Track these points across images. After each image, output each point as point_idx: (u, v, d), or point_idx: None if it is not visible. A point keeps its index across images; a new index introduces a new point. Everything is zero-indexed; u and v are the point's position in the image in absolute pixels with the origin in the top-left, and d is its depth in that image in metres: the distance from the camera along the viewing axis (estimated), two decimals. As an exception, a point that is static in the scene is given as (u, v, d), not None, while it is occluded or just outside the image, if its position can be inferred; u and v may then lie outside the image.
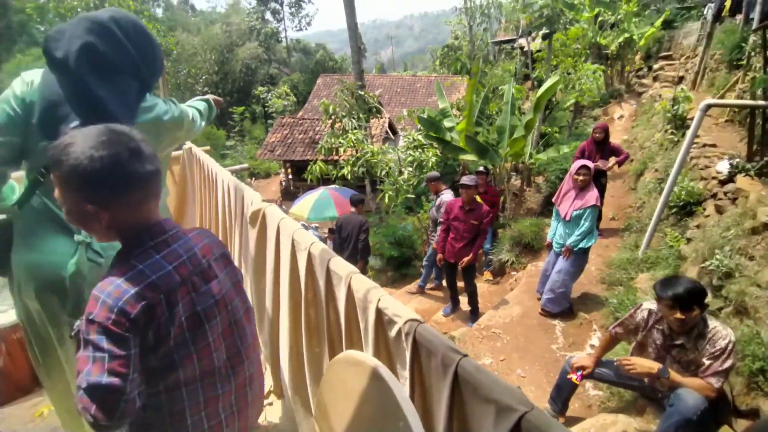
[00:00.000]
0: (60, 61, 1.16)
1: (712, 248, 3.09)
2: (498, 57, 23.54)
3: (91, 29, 1.18)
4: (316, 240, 1.37)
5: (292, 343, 1.51)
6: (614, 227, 5.90)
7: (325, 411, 1.04)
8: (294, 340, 1.50)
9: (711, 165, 4.33)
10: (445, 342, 0.84)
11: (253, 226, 1.74)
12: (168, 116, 1.39)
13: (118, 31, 1.21)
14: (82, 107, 1.18)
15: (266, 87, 27.39)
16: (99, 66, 1.19)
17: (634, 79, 13.07)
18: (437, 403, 0.90)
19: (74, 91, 1.17)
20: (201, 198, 2.84)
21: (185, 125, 1.49)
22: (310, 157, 14.00)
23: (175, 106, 1.45)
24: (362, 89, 8.67)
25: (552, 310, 4.03)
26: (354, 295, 1.11)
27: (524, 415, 0.68)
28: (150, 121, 1.31)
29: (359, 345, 1.20)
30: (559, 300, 3.94)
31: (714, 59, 8.30)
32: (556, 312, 4.02)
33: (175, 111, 1.43)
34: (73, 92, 1.17)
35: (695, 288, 1.91)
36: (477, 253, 4.36)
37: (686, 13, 13.39)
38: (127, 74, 1.26)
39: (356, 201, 5.16)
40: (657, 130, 7.35)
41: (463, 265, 4.36)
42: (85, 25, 1.18)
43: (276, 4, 34.88)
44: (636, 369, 2.07)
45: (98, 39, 1.19)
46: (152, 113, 1.33)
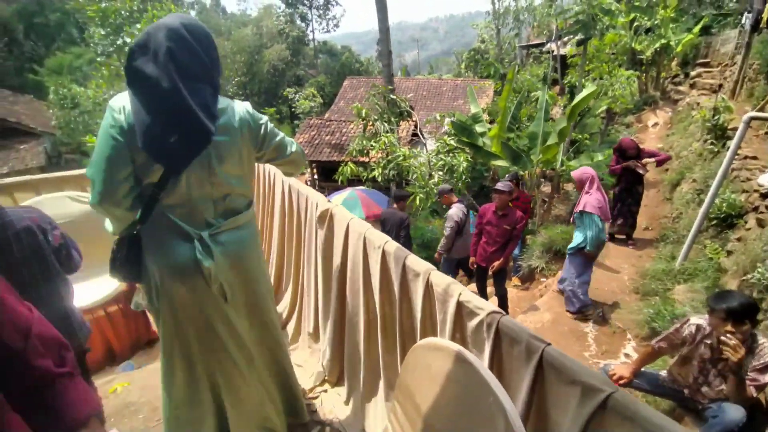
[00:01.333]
0: (149, 76, 1.17)
1: (754, 261, 3.07)
2: (526, 61, 23.32)
3: (170, 37, 1.20)
4: (389, 239, 1.51)
5: (365, 335, 1.65)
6: (648, 237, 5.83)
7: (407, 392, 1.17)
8: (367, 332, 1.64)
9: (752, 177, 4.26)
10: (529, 332, 0.97)
11: (321, 226, 1.90)
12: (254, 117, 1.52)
13: (189, 37, 1.23)
14: (175, 119, 1.20)
15: (293, 88, 27.99)
16: (182, 75, 1.21)
17: (670, 86, 12.73)
18: (516, 385, 1.02)
19: (166, 104, 1.20)
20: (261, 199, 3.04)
21: (272, 133, 1.61)
22: (337, 158, 14.26)
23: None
24: (393, 93, 8.83)
25: (568, 309, 4.22)
26: (434, 290, 1.24)
27: (611, 395, 0.79)
28: (225, 123, 1.37)
29: (433, 335, 1.33)
30: (569, 299, 4.17)
31: (752, 69, 8.07)
32: (572, 311, 4.18)
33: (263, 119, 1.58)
34: (164, 106, 1.20)
35: (749, 303, 1.95)
36: (508, 257, 4.42)
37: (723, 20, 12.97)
38: (203, 80, 1.29)
39: (399, 197, 5.29)
40: (695, 139, 7.19)
41: (494, 269, 4.43)
42: (165, 34, 1.19)
43: (304, 7, 35.52)
44: (732, 347, 1.95)
45: (177, 47, 1.20)
46: (226, 115, 1.39)
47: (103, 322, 2.50)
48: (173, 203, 1.32)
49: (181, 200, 1.32)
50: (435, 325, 1.28)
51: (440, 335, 1.24)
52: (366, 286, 1.63)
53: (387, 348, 1.58)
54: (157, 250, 1.35)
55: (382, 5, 9.51)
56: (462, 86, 20.17)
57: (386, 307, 1.54)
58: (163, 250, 1.35)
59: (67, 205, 2.56)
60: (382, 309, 1.54)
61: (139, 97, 1.20)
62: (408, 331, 1.44)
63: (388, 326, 1.55)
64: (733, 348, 1.94)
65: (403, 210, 5.23)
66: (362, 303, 1.66)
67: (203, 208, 1.37)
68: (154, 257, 1.36)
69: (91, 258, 2.81)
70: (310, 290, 2.28)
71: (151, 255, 1.37)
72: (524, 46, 23.93)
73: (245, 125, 1.44)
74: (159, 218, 1.32)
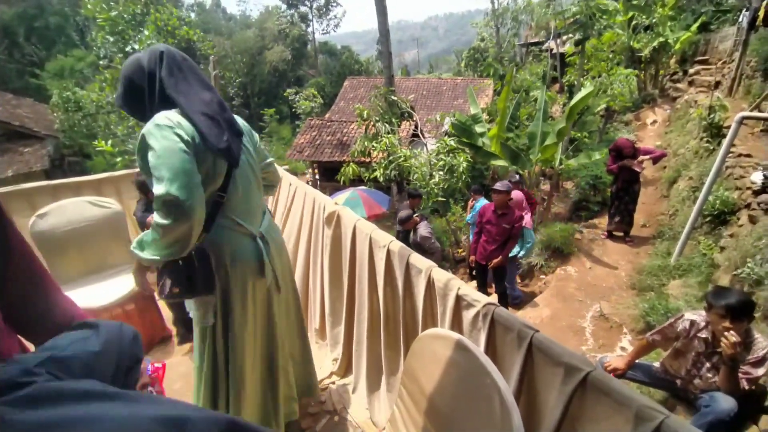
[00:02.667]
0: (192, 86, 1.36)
1: (744, 257, 3.19)
2: (525, 60, 23.39)
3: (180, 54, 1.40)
4: (394, 239, 1.63)
5: (369, 328, 1.77)
6: (645, 235, 5.95)
7: (413, 376, 1.29)
8: (371, 325, 1.76)
9: (746, 175, 4.37)
10: (520, 320, 1.09)
11: (329, 227, 2.02)
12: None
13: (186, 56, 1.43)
14: (222, 121, 1.36)
15: (294, 89, 28.11)
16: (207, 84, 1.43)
17: (669, 84, 12.79)
18: (509, 367, 1.14)
19: (212, 108, 1.34)
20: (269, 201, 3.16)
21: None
22: (338, 158, 14.38)
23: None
24: (394, 94, 8.94)
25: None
26: (435, 285, 1.36)
27: (589, 373, 0.91)
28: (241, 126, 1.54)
29: (432, 327, 1.45)
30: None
31: (750, 66, 8.16)
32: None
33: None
34: (211, 110, 1.33)
35: (747, 300, 2.05)
36: (507, 255, 4.54)
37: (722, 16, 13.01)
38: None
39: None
40: (692, 137, 7.30)
41: (492, 266, 4.53)
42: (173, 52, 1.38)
43: (305, 7, 35.63)
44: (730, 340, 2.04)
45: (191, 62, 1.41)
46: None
47: (121, 319, 2.63)
48: (234, 206, 1.43)
49: (239, 202, 1.44)
50: (435, 318, 1.40)
51: (441, 326, 1.36)
52: (371, 283, 1.76)
53: (390, 342, 1.70)
54: (229, 254, 1.42)
55: (381, 8, 9.62)
56: (462, 85, 20.25)
57: (389, 302, 1.66)
58: (235, 252, 1.43)
59: (87, 210, 2.69)
60: (386, 305, 1.66)
61: (190, 107, 1.29)
62: (410, 325, 1.56)
63: (390, 321, 1.68)
64: (733, 345, 2.01)
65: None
66: (367, 299, 1.79)
67: (255, 207, 1.52)
68: (225, 261, 1.42)
69: (109, 259, 2.94)
70: (316, 289, 2.40)
71: (222, 260, 1.42)
72: (524, 45, 24.00)
73: (248, 131, 1.60)
74: (223, 223, 1.41)
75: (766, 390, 2.31)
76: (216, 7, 45.34)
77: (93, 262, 2.86)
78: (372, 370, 1.90)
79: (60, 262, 2.75)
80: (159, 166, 1.19)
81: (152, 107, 1.31)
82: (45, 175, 14.59)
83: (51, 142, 16.50)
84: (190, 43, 16.42)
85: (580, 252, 5.76)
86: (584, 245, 5.93)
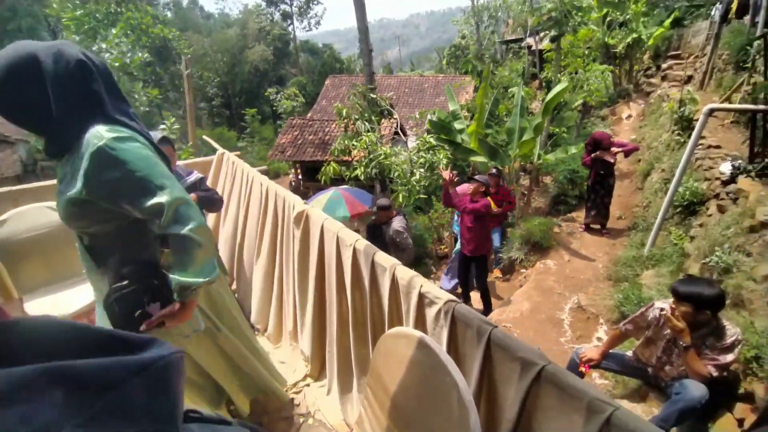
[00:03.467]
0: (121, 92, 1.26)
1: (713, 245, 3.27)
2: (505, 56, 23.64)
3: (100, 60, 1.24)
4: (360, 237, 1.61)
5: (338, 329, 1.75)
6: (621, 227, 6.08)
7: (378, 377, 1.28)
8: (340, 326, 1.74)
9: (715, 166, 4.49)
10: (479, 316, 1.08)
11: (298, 227, 1.99)
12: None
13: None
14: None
15: (275, 88, 27.77)
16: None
17: (643, 79, 13.10)
18: (470, 365, 1.14)
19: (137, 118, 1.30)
20: (236, 202, 3.09)
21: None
22: (321, 158, 14.27)
23: None
24: (373, 92, 8.91)
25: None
26: (398, 283, 1.35)
27: (544, 367, 0.90)
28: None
29: (398, 325, 1.43)
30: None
31: (722, 60, 8.40)
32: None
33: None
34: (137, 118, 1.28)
35: (713, 292, 2.08)
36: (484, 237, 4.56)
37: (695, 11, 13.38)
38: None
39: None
40: (665, 130, 7.48)
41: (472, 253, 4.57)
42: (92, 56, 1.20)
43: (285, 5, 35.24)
44: (673, 322, 2.17)
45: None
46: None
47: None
48: None
49: None
50: (401, 316, 1.39)
51: (405, 324, 1.35)
52: (339, 283, 1.73)
53: (360, 341, 1.68)
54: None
55: (360, 4, 9.55)
56: (444, 83, 20.29)
57: (358, 302, 1.64)
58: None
59: (48, 215, 2.59)
60: (354, 303, 1.64)
61: (125, 117, 1.18)
62: (378, 322, 1.55)
63: (359, 320, 1.66)
64: (676, 328, 2.12)
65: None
66: (336, 299, 1.76)
67: None
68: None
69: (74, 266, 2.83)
70: (289, 290, 2.36)
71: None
72: (503, 42, 24.24)
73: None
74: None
75: (739, 377, 2.38)
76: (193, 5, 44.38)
77: (57, 270, 2.75)
78: (343, 370, 1.88)
79: (22, 270, 2.64)
80: (148, 177, 1.07)
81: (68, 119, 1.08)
82: (17, 180, 14.08)
83: (23, 147, 15.92)
84: (165, 41, 16.07)
85: (559, 245, 5.85)
86: (563, 239, 6.03)
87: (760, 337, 2.15)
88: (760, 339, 2.14)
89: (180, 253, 1.12)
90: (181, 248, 1.11)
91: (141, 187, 1.06)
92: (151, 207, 1.06)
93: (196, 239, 1.10)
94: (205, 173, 3.79)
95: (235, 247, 3.14)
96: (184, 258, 1.12)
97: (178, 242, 1.10)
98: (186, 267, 1.12)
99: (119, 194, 1.08)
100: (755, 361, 2.15)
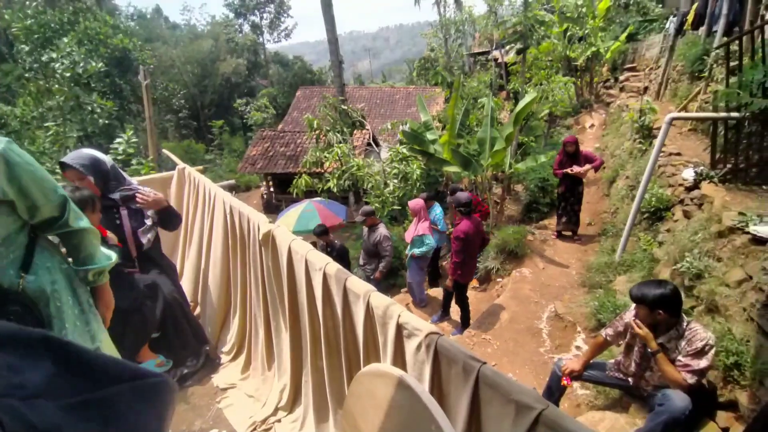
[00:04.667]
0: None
1: (683, 251, 3.33)
2: (473, 68, 24.28)
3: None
4: (330, 260, 1.47)
5: (312, 359, 1.58)
6: (591, 233, 6.20)
7: (353, 421, 1.13)
8: (314, 356, 1.58)
9: (677, 173, 4.64)
10: (465, 351, 0.96)
11: (266, 248, 1.82)
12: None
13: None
14: None
15: (245, 99, 27.26)
16: None
17: (602, 90, 13.75)
18: (456, 406, 1.01)
19: None
20: (196, 221, 2.88)
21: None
22: (293, 170, 14.01)
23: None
24: (344, 103, 8.82)
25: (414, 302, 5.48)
26: (373, 312, 1.21)
27: (542, 412, 0.79)
28: None
29: (376, 358, 1.29)
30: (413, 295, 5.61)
31: (676, 70, 8.88)
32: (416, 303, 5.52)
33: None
34: None
35: (659, 291, 2.10)
36: (451, 272, 4.38)
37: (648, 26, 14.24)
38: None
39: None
40: (626, 138, 7.78)
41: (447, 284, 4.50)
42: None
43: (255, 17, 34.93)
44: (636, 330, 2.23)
45: None
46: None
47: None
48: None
49: None
50: (377, 348, 1.25)
51: (382, 357, 1.21)
52: (311, 309, 1.57)
53: (334, 373, 1.52)
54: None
55: (329, 17, 9.52)
56: (414, 94, 20.55)
57: (330, 330, 1.49)
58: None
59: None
60: (327, 333, 1.49)
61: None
62: (353, 353, 1.40)
63: (333, 350, 1.50)
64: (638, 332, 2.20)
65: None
66: (309, 327, 1.60)
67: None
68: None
69: None
70: (258, 315, 2.17)
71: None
72: (471, 54, 24.92)
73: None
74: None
75: (715, 386, 2.37)
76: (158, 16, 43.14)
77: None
78: (318, 402, 1.71)
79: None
80: (46, 176, 1.16)
81: None
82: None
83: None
84: (125, 52, 15.41)
85: (533, 253, 5.89)
86: (536, 246, 6.07)
87: (739, 345, 2.15)
88: (739, 346, 2.14)
89: (87, 246, 1.27)
90: (87, 242, 1.26)
91: (48, 183, 1.14)
92: (60, 202, 1.15)
93: (94, 230, 1.26)
94: (165, 190, 3.54)
95: (200, 270, 2.91)
96: (91, 249, 1.28)
97: (83, 236, 1.24)
98: (94, 256, 1.29)
99: (34, 190, 1.12)
100: (736, 368, 2.14)
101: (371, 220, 5.13)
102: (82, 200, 2.04)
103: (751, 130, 3.58)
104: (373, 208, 5.15)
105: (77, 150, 2.20)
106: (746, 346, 2.13)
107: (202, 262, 2.91)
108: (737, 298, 2.42)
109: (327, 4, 10.13)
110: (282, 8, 35.77)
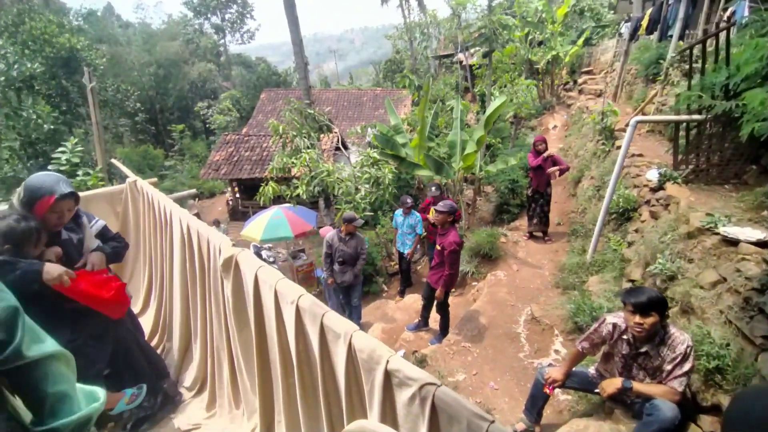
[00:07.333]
0: None
1: (654, 252, 3.38)
2: (438, 71, 24.57)
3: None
4: (304, 292, 1.29)
5: (285, 399, 1.40)
6: (561, 232, 6.31)
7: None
8: (287, 396, 1.39)
9: (641, 174, 4.77)
10: (469, 407, 0.81)
11: (227, 275, 1.61)
12: None
13: None
14: None
15: (206, 102, 26.18)
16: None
17: (563, 92, 14.26)
18: (461, 470, 0.86)
19: None
20: (153, 242, 2.59)
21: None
22: (259, 174, 13.53)
23: None
24: (310, 107, 8.56)
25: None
26: (356, 355, 1.05)
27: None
28: None
29: (360, 407, 1.13)
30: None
31: (630, 74, 9.29)
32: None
33: None
34: None
35: (655, 297, 2.07)
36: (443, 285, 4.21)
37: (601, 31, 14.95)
38: None
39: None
40: (588, 139, 8.02)
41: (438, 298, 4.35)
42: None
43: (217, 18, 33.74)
44: (607, 392, 2.25)
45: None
46: None
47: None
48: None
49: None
50: (362, 395, 1.08)
51: (369, 407, 1.05)
52: (282, 345, 1.39)
53: (310, 414, 1.34)
54: None
55: (293, 18, 9.24)
56: (382, 96, 20.53)
57: (306, 371, 1.31)
58: None
59: None
60: (302, 374, 1.30)
61: None
62: (332, 396, 1.23)
63: (309, 392, 1.32)
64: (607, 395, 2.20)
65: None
66: (279, 365, 1.41)
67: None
68: None
69: None
70: (222, 348, 1.95)
71: None
72: (436, 57, 25.21)
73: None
74: None
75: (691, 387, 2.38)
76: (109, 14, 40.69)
77: None
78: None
79: None
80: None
81: None
82: None
83: None
84: (72, 51, 14.33)
85: (506, 255, 5.91)
86: (509, 248, 6.10)
87: (720, 349, 2.15)
88: (720, 350, 2.14)
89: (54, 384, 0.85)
90: (53, 378, 0.85)
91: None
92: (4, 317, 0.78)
93: (63, 355, 0.89)
94: (114, 206, 3.20)
95: (161, 297, 2.63)
96: (61, 389, 0.86)
97: (46, 370, 0.84)
98: (67, 400, 0.86)
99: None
100: (717, 372, 2.14)
101: (351, 227, 4.96)
102: (26, 232, 1.72)
103: (712, 132, 3.71)
104: (352, 214, 4.97)
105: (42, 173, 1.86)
106: (727, 350, 2.13)
107: (161, 287, 2.63)
108: (713, 300, 2.45)
109: (290, 4, 9.84)
110: (245, 9, 34.79)
